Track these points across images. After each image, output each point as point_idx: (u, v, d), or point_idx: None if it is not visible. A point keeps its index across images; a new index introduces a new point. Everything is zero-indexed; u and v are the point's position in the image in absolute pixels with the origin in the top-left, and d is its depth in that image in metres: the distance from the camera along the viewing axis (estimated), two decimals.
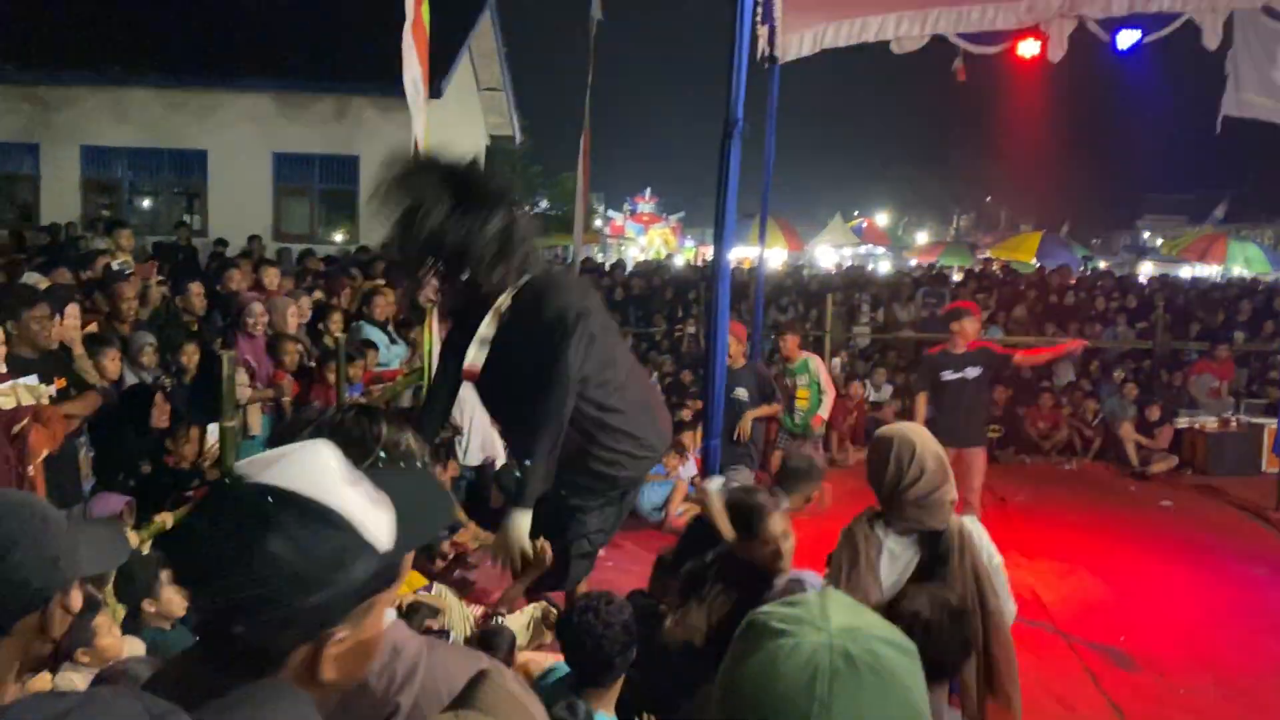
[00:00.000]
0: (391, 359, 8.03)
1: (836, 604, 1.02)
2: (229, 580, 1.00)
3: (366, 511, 1.08)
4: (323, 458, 1.09)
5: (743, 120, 4.66)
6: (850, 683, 0.94)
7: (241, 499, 1.05)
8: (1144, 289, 15.29)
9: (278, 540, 1.01)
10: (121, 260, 7.95)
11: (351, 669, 1.11)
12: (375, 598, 1.10)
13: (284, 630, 1.03)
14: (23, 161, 16.56)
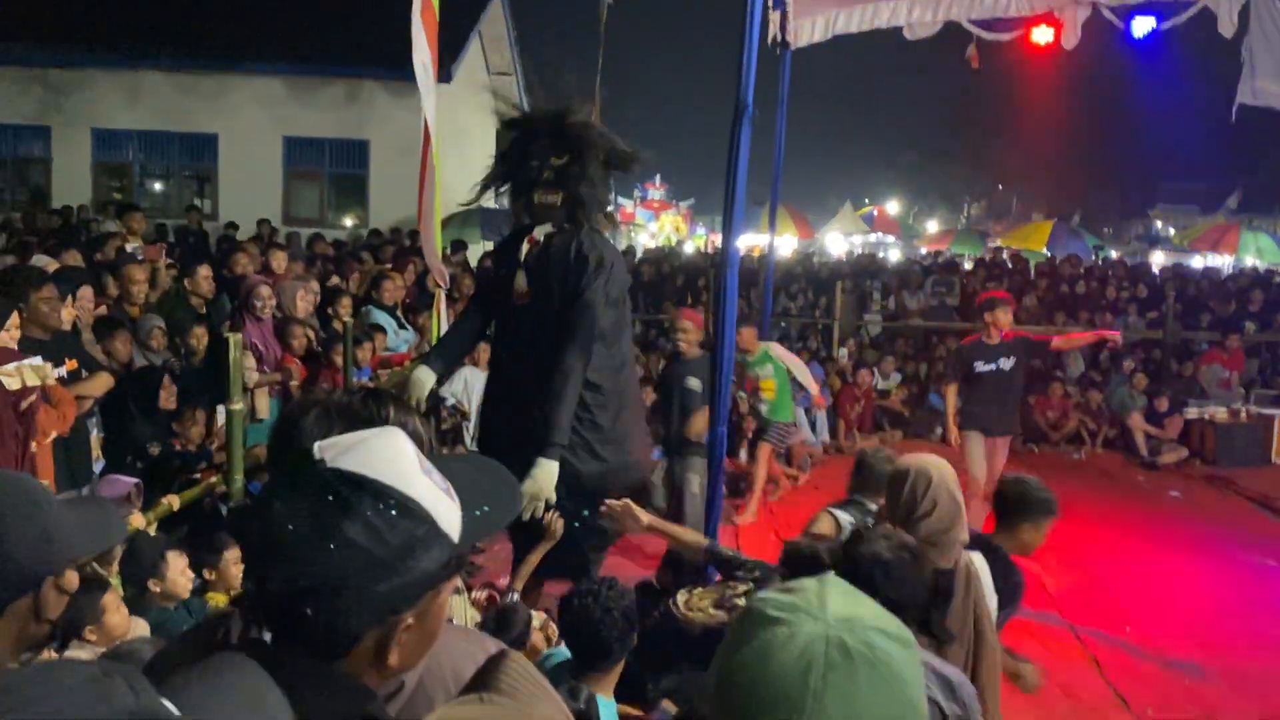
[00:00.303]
0: (400, 344, 8.04)
1: (835, 592, 1.01)
2: (304, 563, 1.02)
3: (440, 500, 1.10)
4: (400, 445, 1.11)
5: (753, 106, 4.65)
6: (845, 674, 0.93)
7: (320, 483, 1.06)
8: (1155, 278, 15.20)
9: (355, 526, 1.03)
10: (134, 245, 7.97)
11: (415, 653, 1.13)
12: (441, 586, 1.12)
13: (355, 615, 1.04)
14: (34, 144, 16.61)
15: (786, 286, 14.60)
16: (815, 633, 0.95)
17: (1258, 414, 10.79)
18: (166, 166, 17.25)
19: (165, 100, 16.12)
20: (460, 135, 16.18)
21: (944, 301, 14.01)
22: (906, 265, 17.27)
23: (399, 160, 15.70)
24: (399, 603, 1.06)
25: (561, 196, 3.82)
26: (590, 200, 3.86)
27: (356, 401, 1.39)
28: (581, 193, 3.82)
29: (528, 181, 3.84)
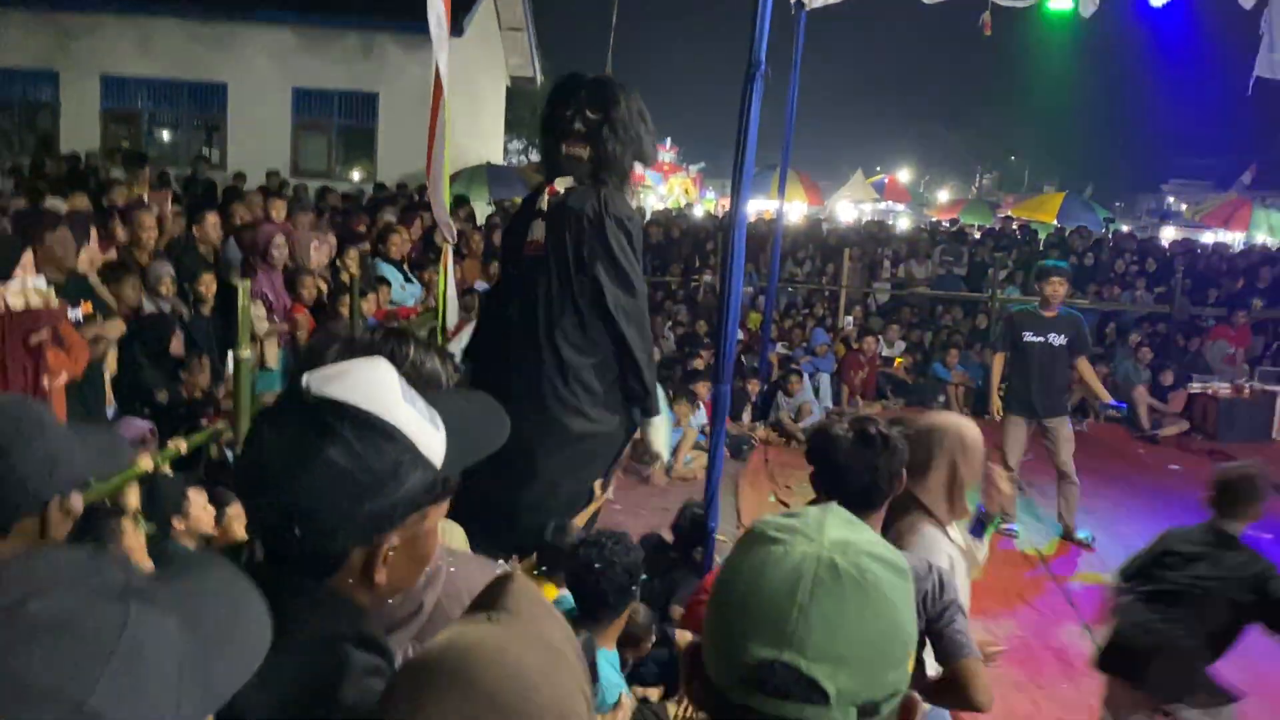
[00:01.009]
0: (406, 298, 8.06)
1: (835, 519, 1.03)
2: (289, 485, 1.07)
3: (421, 427, 1.14)
4: (381, 374, 1.15)
5: (765, 64, 4.63)
6: (832, 592, 0.95)
7: (304, 410, 1.10)
8: (1164, 253, 15.14)
9: (336, 450, 1.07)
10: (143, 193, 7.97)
11: (405, 574, 1.18)
12: (427, 509, 1.16)
13: (340, 535, 1.09)
14: (43, 89, 16.50)
15: (794, 252, 14.57)
16: (808, 552, 0.97)
17: (1261, 390, 10.80)
18: (175, 115, 17.16)
19: (175, 48, 16.01)
20: (470, 90, 16.10)
21: (951, 271, 13.98)
22: (915, 234, 17.19)
23: (409, 114, 15.61)
24: (382, 523, 1.11)
25: (589, 151, 3.81)
26: (616, 160, 3.84)
27: (379, 339, 1.42)
28: (609, 150, 3.81)
29: (561, 131, 3.83)
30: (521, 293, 3.95)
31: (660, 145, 35.32)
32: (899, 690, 0.98)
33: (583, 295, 3.84)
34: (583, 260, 3.81)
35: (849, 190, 27.90)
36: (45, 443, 1.48)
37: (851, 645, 0.94)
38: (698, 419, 8.46)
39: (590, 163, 3.83)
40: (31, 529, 1.48)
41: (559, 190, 3.89)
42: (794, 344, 11.52)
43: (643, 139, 3.90)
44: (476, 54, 16.65)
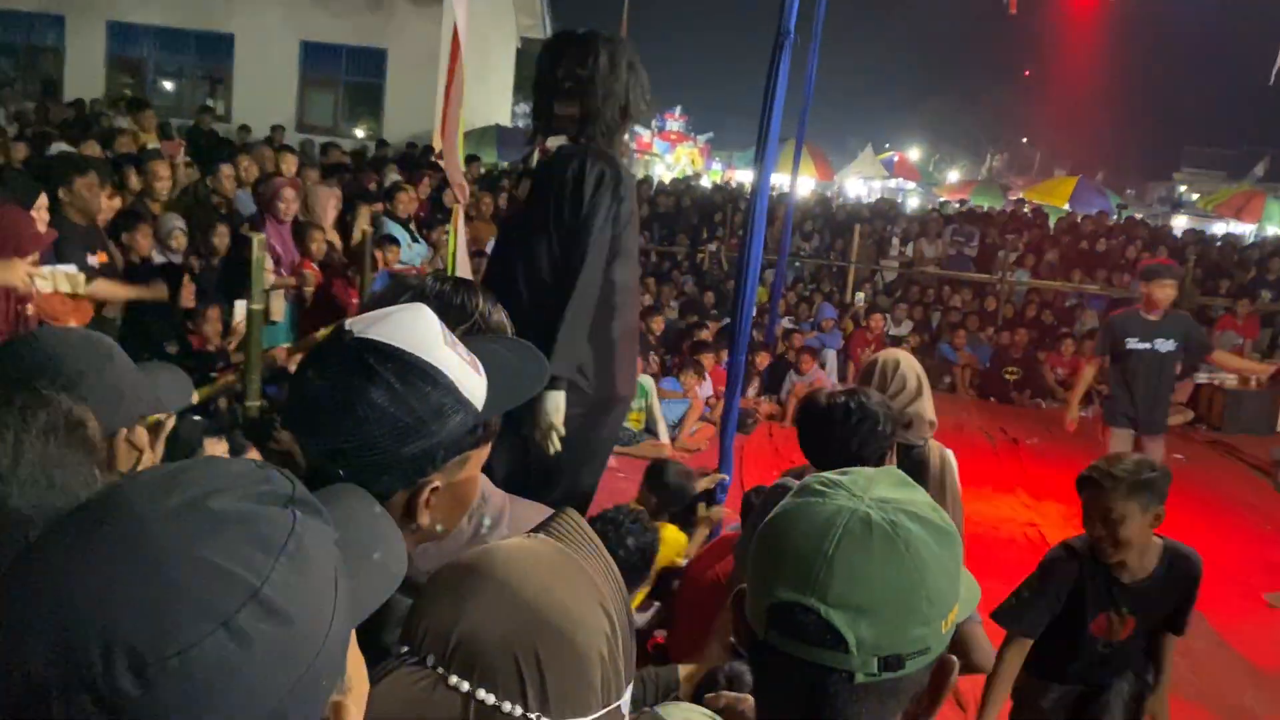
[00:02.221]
0: (413, 258, 7.99)
1: (888, 479, 1.05)
2: (333, 427, 1.10)
3: (463, 370, 1.16)
4: (424, 319, 1.16)
5: (795, 33, 4.54)
6: (859, 543, 0.96)
7: (348, 352, 1.12)
8: (1176, 241, 15.04)
9: (379, 392, 1.09)
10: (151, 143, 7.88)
11: (446, 515, 1.21)
12: (469, 453, 1.18)
13: (382, 476, 1.11)
14: (48, 34, 16.31)
15: (801, 225, 14.47)
16: (845, 505, 1.00)
17: (1268, 383, 10.76)
18: (180, 65, 16.98)
19: None
20: (480, 50, 15.91)
21: (962, 251, 13.90)
22: (927, 212, 17.07)
23: (416, 71, 15.47)
24: (424, 465, 1.13)
25: (579, 108, 3.68)
26: (600, 115, 3.69)
27: (448, 289, 1.48)
28: (598, 108, 3.67)
29: (552, 89, 3.72)
30: (507, 250, 3.87)
31: (669, 114, 35.16)
32: (927, 648, 0.98)
33: (556, 248, 3.69)
34: (562, 213, 3.66)
35: (858, 166, 27.76)
36: (113, 375, 1.51)
37: (873, 596, 0.95)
38: (704, 390, 8.42)
39: (579, 122, 3.71)
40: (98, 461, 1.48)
41: (550, 149, 3.83)
42: (800, 318, 11.46)
43: (629, 91, 3.74)
44: (486, 13, 16.42)
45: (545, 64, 3.76)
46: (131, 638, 0.61)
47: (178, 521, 0.66)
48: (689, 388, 8.26)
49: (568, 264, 3.67)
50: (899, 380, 3.16)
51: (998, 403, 10.87)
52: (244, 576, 0.65)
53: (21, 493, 0.94)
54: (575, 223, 3.65)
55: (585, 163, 3.70)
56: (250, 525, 0.68)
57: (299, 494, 0.74)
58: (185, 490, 0.69)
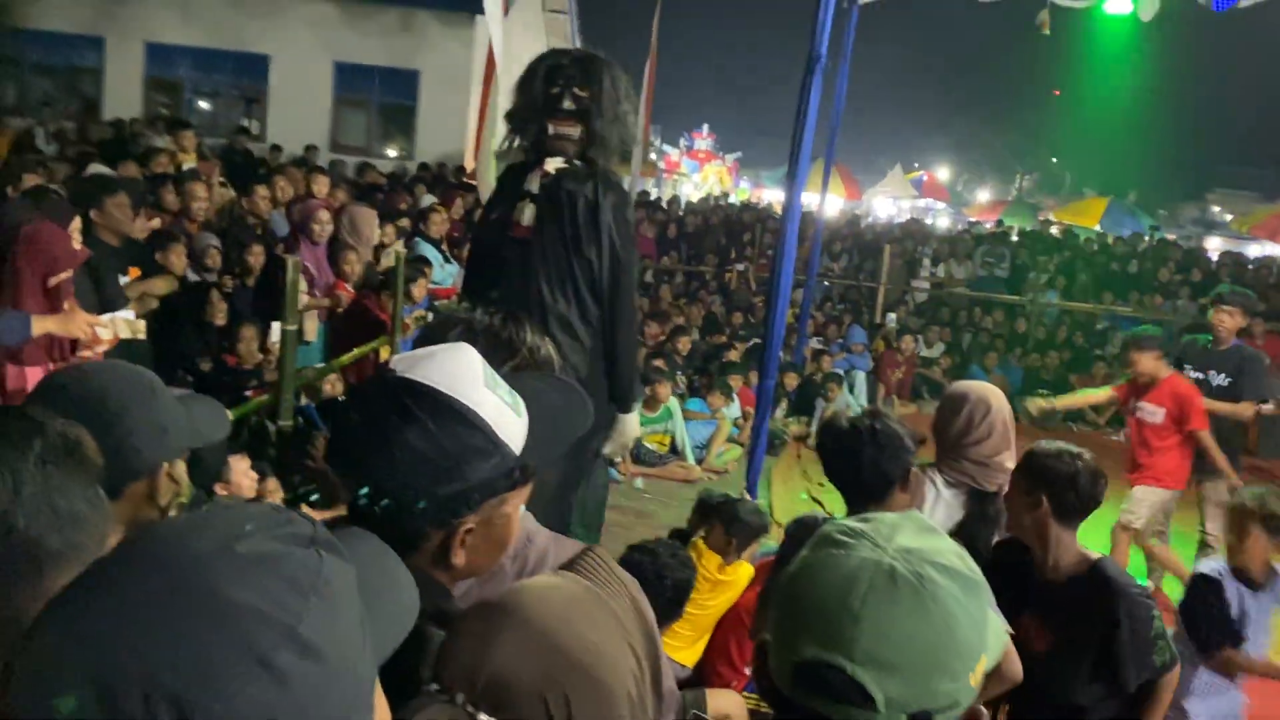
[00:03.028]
0: (445, 278, 8.05)
1: (910, 526, 1.03)
2: (369, 465, 1.11)
3: (502, 414, 1.15)
4: (466, 360, 1.16)
5: (825, 57, 4.56)
6: (885, 598, 0.94)
7: (387, 392, 1.13)
8: (1211, 263, 14.88)
9: (414, 432, 1.09)
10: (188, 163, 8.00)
11: (483, 558, 1.21)
12: (506, 495, 1.18)
13: (418, 515, 1.12)
14: (87, 54, 16.59)
15: (829, 246, 14.44)
16: (869, 557, 0.98)
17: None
18: (216, 85, 17.21)
19: (219, 18, 16.03)
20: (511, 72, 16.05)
21: (993, 272, 13.81)
22: (957, 233, 16.99)
23: (448, 92, 15.60)
24: (458, 506, 1.13)
25: (580, 130, 3.65)
26: (609, 139, 3.69)
27: (497, 323, 1.47)
28: (601, 130, 3.65)
29: (546, 108, 3.65)
30: (511, 278, 3.79)
31: (698, 133, 35.26)
32: (956, 702, 0.96)
33: (582, 280, 3.71)
34: (580, 243, 3.67)
35: (887, 185, 27.69)
36: (157, 410, 1.53)
37: (902, 653, 0.93)
38: (731, 410, 8.40)
39: (580, 142, 3.68)
40: (141, 493, 1.52)
41: (550, 171, 3.75)
42: (829, 339, 11.42)
43: (628, 117, 3.75)
44: (519, 36, 16.54)
45: (538, 83, 3.69)
46: (174, 686, 0.61)
47: (210, 566, 0.67)
48: (716, 408, 8.24)
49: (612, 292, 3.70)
50: (985, 427, 2.98)
51: (1029, 425, 10.76)
52: (280, 618, 0.66)
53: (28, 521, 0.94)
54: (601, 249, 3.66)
55: (599, 190, 3.67)
56: (280, 566, 0.69)
57: (319, 534, 0.75)
58: (213, 534, 0.69)
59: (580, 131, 3.64)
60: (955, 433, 3.01)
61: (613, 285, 3.68)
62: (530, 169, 3.79)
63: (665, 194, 25.84)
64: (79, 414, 1.41)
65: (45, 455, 0.98)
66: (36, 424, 1.01)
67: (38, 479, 0.96)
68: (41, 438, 0.99)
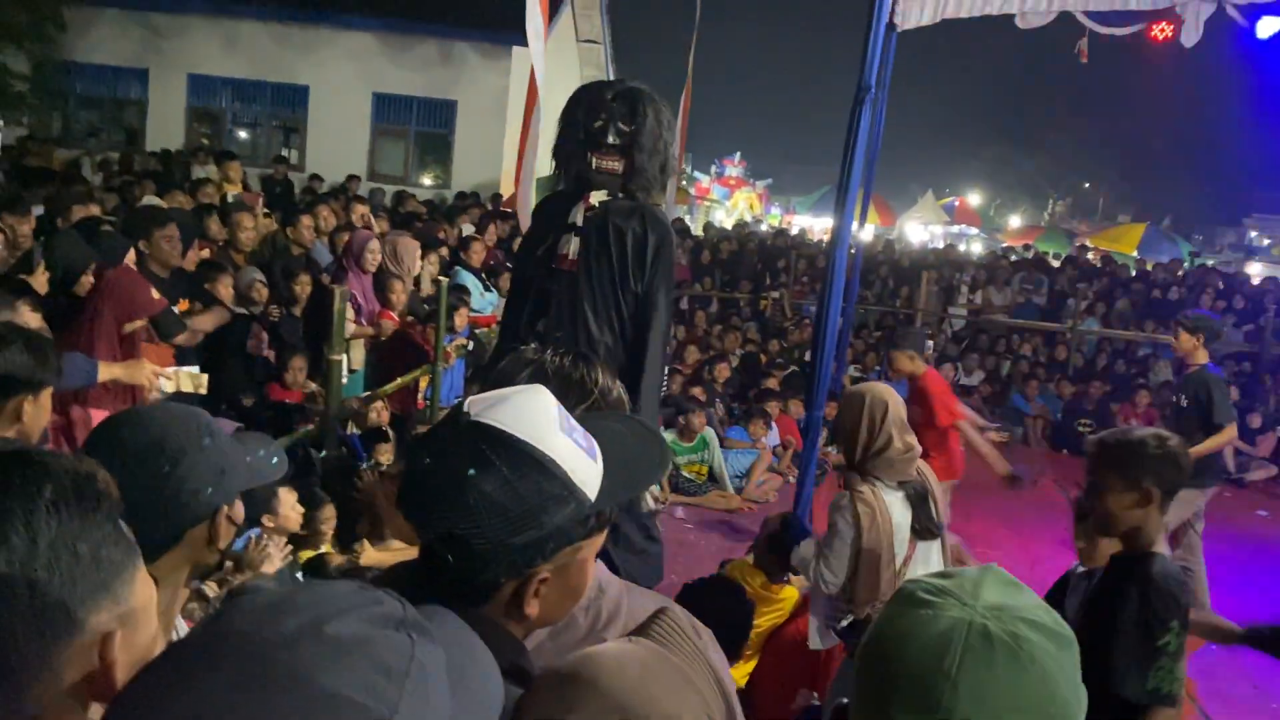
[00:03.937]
0: (485, 306, 8.09)
1: (993, 581, 1.00)
2: (443, 511, 1.07)
3: (578, 460, 1.12)
4: (542, 404, 1.13)
5: (874, 87, 4.55)
6: (982, 661, 0.92)
7: (462, 436, 1.10)
8: (1254, 290, 14.66)
9: (490, 479, 1.06)
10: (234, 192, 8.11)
11: (556, 607, 1.18)
12: (581, 543, 1.14)
13: (491, 564, 1.08)
14: (132, 86, 16.93)
15: (866, 273, 14.39)
16: (960, 617, 0.95)
17: None
18: (256, 115, 17.48)
19: (260, 50, 16.33)
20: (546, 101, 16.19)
21: (1031, 299, 13.68)
22: (993, 259, 16.88)
23: (484, 122, 15.76)
24: (533, 555, 1.09)
25: (623, 164, 3.70)
26: (651, 173, 3.74)
27: (568, 363, 1.44)
28: (644, 164, 3.70)
29: (589, 141, 3.70)
30: (555, 309, 3.83)
31: (728, 160, 35.35)
32: None
33: (626, 313, 3.75)
34: (628, 278, 3.71)
35: (919, 211, 27.62)
36: (214, 451, 1.52)
37: (1001, 716, 0.91)
38: (770, 439, 8.35)
39: (622, 175, 3.72)
40: (201, 537, 1.51)
41: (594, 204, 3.79)
42: (867, 367, 11.34)
43: (669, 150, 3.80)
44: (553, 65, 16.67)
45: (581, 114, 3.73)
46: None
47: (298, 649, 0.64)
48: (756, 437, 8.19)
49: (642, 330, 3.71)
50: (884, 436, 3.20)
51: (1071, 455, 10.62)
52: (374, 708, 0.63)
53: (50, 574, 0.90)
54: (645, 287, 3.69)
55: (648, 224, 3.71)
56: (372, 651, 0.66)
57: (409, 615, 0.72)
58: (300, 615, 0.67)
59: (623, 165, 3.69)
60: (862, 443, 3.22)
61: (643, 323, 3.70)
62: (573, 201, 3.82)
63: (698, 220, 25.89)
64: (136, 460, 1.43)
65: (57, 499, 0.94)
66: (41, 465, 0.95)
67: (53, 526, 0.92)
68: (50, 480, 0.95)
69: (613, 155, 3.68)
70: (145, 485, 1.42)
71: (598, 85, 3.89)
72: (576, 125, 3.75)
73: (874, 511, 3.18)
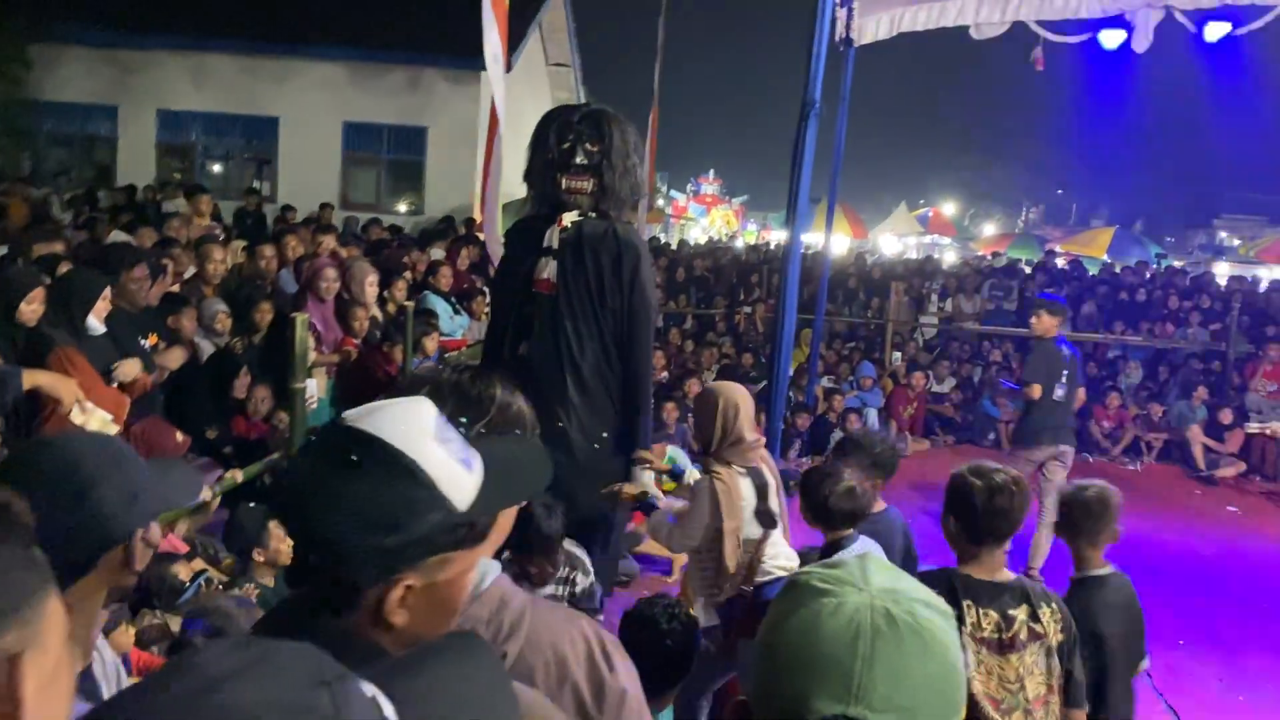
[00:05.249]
0: (455, 329, 8.11)
1: (876, 566, 1.04)
2: (308, 513, 1.08)
3: (449, 469, 1.12)
4: (419, 413, 1.14)
5: (819, 102, 4.64)
6: (892, 641, 0.95)
7: (332, 439, 1.12)
8: (1219, 289, 14.84)
9: (354, 481, 1.07)
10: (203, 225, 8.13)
11: (429, 621, 1.16)
12: (450, 554, 1.13)
13: (354, 568, 1.09)
14: (101, 123, 16.92)
15: (839, 285, 14.48)
16: (861, 602, 0.98)
17: None
18: (227, 148, 17.50)
19: (229, 83, 16.35)
20: (516, 125, 16.26)
21: (1001, 306, 13.81)
22: (963, 267, 17.03)
23: (456, 148, 15.82)
24: (396, 561, 1.09)
25: (593, 183, 3.74)
26: (620, 191, 3.78)
27: (465, 380, 1.42)
28: (613, 183, 3.74)
29: (559, 164, 3.75)
30: (538, 331, 3.86)
31: (704, 177, 35.55)
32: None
33: (609, 333, 3.78)
34: (605, 296, 3.74)
35: (893, 223, 27.82)
36: (126, 477, 1.53)
37: (916, 694, 0.94)
38: None
39: (593, 195, 3.76)
40: (118, 560, 1.52)
41: (566, 225, 3.82)
42: (841, 378, 11.42)
43: (637, 169, 3.84)
44: (523, 89, 16.80)
45: (550, 138, 3.78)
46: None
47: None
48: None
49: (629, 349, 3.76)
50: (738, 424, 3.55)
51: None
52: None
53: None
54: (624, 306, 3.73)
55: (620, 242, 3.76)
56: None
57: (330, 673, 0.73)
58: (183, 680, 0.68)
59: (593, 185, 3.74)
60: (718, 436, 3.59)
61: (630, 340, 3.75)
62: (547, 224, 3.86)
63: (674, 238, 26.00)
64: (50, 486, 1.45)
65: None
66: None
67: None
68: None
69: (582, 176, 3.73)
70: (59, 511, 1.43)
71: (565, 108, 3.95)
72: (545, 148, 3.81)
73: (730, 490, 3.57)
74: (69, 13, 15.14)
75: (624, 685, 1.33)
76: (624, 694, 1.33)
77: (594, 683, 1.32)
